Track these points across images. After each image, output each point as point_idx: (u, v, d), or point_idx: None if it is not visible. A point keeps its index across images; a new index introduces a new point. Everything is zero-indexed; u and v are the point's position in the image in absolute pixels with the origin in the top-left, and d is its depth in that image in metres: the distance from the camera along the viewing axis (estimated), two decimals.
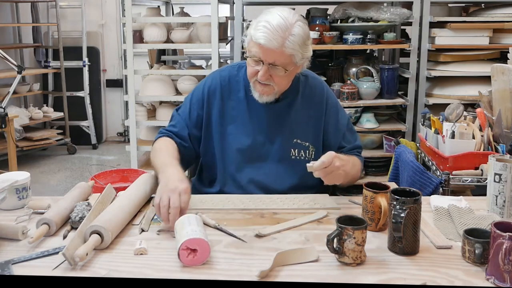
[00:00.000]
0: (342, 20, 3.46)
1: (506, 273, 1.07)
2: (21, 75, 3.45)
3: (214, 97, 1.73)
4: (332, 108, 1.76)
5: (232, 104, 1.72)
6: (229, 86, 1.73)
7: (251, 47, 1.56)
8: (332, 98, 1.79)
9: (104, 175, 2.04)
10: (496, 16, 3.26)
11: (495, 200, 1.45)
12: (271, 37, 1.49)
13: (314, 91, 1.75)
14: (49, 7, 5.35)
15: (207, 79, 1.78)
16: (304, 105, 1.72)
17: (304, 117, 1.72)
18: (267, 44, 1.50)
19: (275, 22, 1.50)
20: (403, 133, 3.39)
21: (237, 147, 1.70)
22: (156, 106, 3.67)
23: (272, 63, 1.54)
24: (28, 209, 1.47)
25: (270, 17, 1.52)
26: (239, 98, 1.71)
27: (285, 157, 1.70)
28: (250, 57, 1.57)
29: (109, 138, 5.81)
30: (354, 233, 1.16)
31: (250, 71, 1.61)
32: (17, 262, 1.19)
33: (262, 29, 1.50)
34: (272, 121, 1.70)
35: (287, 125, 1.70)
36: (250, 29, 1.57)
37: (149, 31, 3.42)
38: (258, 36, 1.51)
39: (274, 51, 1.51)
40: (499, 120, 2.09)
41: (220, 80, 1.74)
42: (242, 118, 1.71)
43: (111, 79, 5.72)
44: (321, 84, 1.78)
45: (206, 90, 1.74)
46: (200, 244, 1.17)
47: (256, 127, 1.70)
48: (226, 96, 1.72)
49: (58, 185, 4.32)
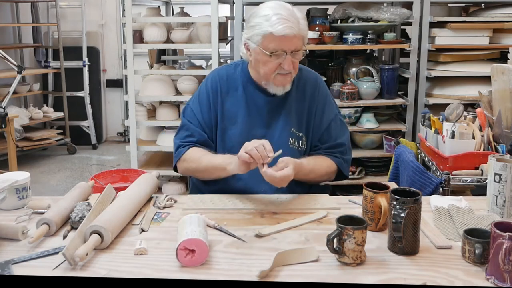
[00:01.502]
0: (342, 20, 3.46)
1: (506, 273, 1.07)
2: (21, 75, 3.44)
3: (216, 96, 1.76)
4: (320, 100, 1.79)
5: (231, 100, 1.75)
6: (227, 84, 1.77)
7: (268, 44, 1.59)
8: (323, 91, 1.82)
9: (104, 175, 2.04)
10: (496, 16, 3.26)
11: (495, 200, 1.45)
12: (292, 25, 1.57)
13: (308, 83, 1.79)
14: (49, 7, 5.34)
15: (207, 80, 1.81)
16: (298, 97, 1.76)
17: (299, 108, 1.76)
18: (291, 32, 1.57)
19: (284, 12, 1.58)
20: (403, 133, 3.39)
21: (239, 142, 1.69)
22: (156, 106, 3.67)
23: (294, 50, 1.60)
24: (28, 209, 1.47)
25: (276, 10, 1.59)
26: (237, 95, 1.75)
27: (284, 147, 1.70)
28: (271, 53, 1.60)
29: (109, 138, 5.81)
30: (354, 233, 1.16)
31: (270, 67, 1.64)
32: (17, 262, 1.19)
33: (280, 21, 1.57)
34: (270, 114, 1.74)
35: (283, 116, 1.74)
36: (258, 30, 1.60)
37: (149, 31, 3.42)
38: (279, 29, 1.56)
39: (295, 37, 1.58)
40: (499, 120, 2.09)
41: (219, 79, 1.78)
42: (242, 114, 1.74)
43: (111, 79, 5.72)
44: (315, 77, 1.83)
45: (210, 91, 1.77)
46: (198, 244, 1.17)
47: (255, 121, 1.73)
48: (225, 94, 1.76)
49: (58, 185, 4.32)
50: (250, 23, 1.65)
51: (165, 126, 3.59)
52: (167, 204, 1.55)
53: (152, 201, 1.58)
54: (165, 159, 3.77)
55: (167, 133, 3.56)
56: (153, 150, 3.69)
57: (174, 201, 1.59)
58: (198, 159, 1.68)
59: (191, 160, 1.70)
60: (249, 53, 1.68)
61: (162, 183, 3.57)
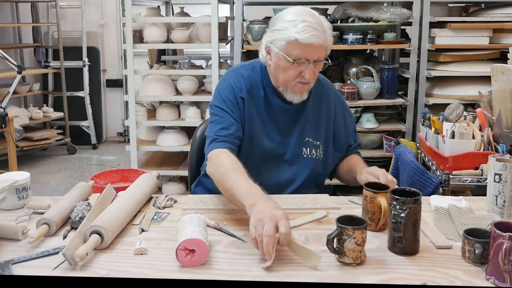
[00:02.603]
0: (342, 20, 3.46)
1: (506, 273, 1.07)
2: (21, 75, 3.44)
3: (243, 97, 1.67)
4: (340, 109, 1.80)
5: (255, 104, 1.69)
6: (250, 87, 1.69)
7: (292, 50, 1.54)
8: (340, 98, 1.84)
9: (104, 175, 2.04)
10: (496, 16, 3.26)
11: (495, 200, 1.45)
12: (318, 34, 1.53)
13: (325, 92, 1.78)
14: (49, 7, 5.34)
15: (227, 78, 1.71)
16: (315, 105, 1.74)
17: (315, 116, 1.74)
18: (316, 41, 1.53)
19: (313, 20, 1.54)
20: (403, 133, 3.39)
21: (261, 148, 1.68)
22: (156, 106, 3.67)
23: (316, 59, 1.57)
24: (28, 209, 1.47)
25: (304, 17, 1.54)
26: (260, 98, 1.69)
27: (298, 156, 1.71)
28: (294, 60, 1.55)
29: (109, 138, 5.81)
30: (354, 233, 1.16)
31: (290, 74, 1.59)
32: (17, 262, 1.19)
33: (308, 29, 1.52)
34: (287, 121, 1.71)
35: (300, 124, 1.71)
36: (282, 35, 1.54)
37: (149, 31, 3.42)
38: (306, 37, 1.52)
39: (320, 47, 1.55)
40: (499, 120, 2.09)
41: (242, 77, 1.69)
42: (262, 119, 1.69)
43: (111, 79, 5.72)
44: (330, 85, 1.83)
45: (234, 88, 1.67)
46: (198, 244, 1.17)
47: (274, 127, 1.70)
48: (250, 97, 1.68)
49: (58, 185, 4.32)
50: (274, 26, 1.59)
51: (165, 126, 3.59)
52: (167, 204, 1.55)
53: (152, 201, 1.58)
54: (165, 159, 3.77)
55: (167, 133, 3.56)
56: (153, 150, 3.69)
57: (174, 201, 1.59)
58: (225, 173, 1.44)
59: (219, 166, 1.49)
60: (270, 57, 1.62)
61: (162, 183, 3.57)
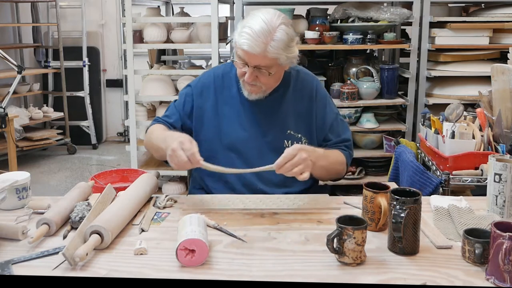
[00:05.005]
0: (342, 20, 3.45)
1: (506, 273, 1.07)
2: (21, 75, 3.44)
3: (208, 92, 1.78)
4: (321, 101, 1.80)
5: (225, 99, 1.77)
6: (222, 82, 1.79)
7: (237, 50, 1.61)
8: (322, 92, 1.83)
9: (104, 175, 2.03)
10: (496, 16, 3.26)
11: (495, 200, 1.45)
12: (254, 44, 1.53)
13: (305, 85, 1.79)
14: (49, 7, 5.34)
15: (202, 75, 1.86)
16: (295, 99, 1.77)
17: (296, 109, 1.76)
18: (250, 50, 1.54)
19: (257, 28, 1.53)
20: (403, 133, 3.39)
21: (231, 141, 1.74)
22: (156, 106, 3.67)
23: (256, 66, 1.59)
24: (28, 209, 1.47)
25: (253, 23, 1.55)
26: (232, 93, 1.77)
27: (278, 148, 1.69)
28: (236, 60, 1.62)
29: (109, 138, 5.81)
30: (354, 233, 1.16)
31: (239, 72, 1.67)
32: (17, 262, 1.19)
33: (245, 36, 1.54)
34: (264, 115, 1.74)
35: (279, 118, 1.74)
36: (235, 34, 1.61)
37: (149, 31, 3.42)
38: (241, 42, 1.56)
39: (257, 56, 1.55)
40: (499, 120, 2.09)
41: (214, 76, 1.81)
42: (236, 113, 1.75)
43: (111, 79, 5.72)
44: (311, 79, 1.83)
45: (200, 85, 1.81)
46: (198, 244, 1.17)
47: (249, 121, 1.74)
48: (219, 91, 1.78)
49: (58, 185, 4.32)
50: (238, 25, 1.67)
51: None
52: (167, 204, 1.56)
53: (152, 201, 1.58)
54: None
55: None
56: None
57: (174, 201, 1.59)
58: (155, 130, 1.71)
59: (151, 131, 1.74)
60: None
61: (162, 183, 3.57)
